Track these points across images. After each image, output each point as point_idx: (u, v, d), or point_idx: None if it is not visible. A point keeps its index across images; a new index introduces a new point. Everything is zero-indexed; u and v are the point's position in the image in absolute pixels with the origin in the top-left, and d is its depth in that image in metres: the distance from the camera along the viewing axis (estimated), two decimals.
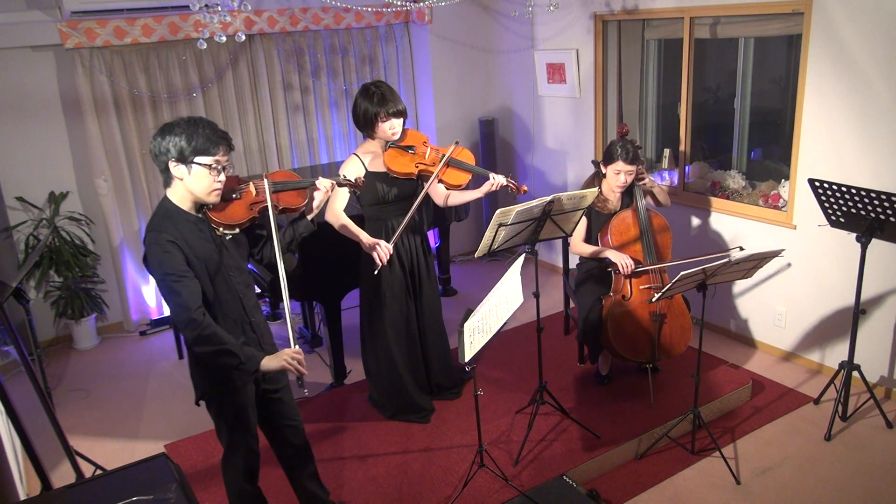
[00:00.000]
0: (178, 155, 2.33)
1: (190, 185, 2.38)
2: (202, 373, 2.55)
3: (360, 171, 3.43)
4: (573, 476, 3.20)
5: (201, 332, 2.31)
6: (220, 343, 2.34)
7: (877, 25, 3.53)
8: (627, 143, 3.65)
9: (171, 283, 2.32)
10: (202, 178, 2.37)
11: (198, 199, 2.42)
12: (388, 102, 3.34)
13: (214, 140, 2.36)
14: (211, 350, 2.34)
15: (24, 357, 2.78)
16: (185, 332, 2.35)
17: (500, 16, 5.90)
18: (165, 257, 2.32)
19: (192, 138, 2.32)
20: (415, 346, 3.69)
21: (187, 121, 2.36)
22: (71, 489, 1.79)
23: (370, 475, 3.33)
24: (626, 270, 3.59)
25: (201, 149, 2.34)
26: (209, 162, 2.35)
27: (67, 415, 4.18)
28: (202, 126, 2.35)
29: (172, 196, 2.43)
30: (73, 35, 4.56)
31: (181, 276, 2.33)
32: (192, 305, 2.31)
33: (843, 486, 3.23)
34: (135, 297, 5.28)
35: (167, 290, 2.33)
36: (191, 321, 2.31)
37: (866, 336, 3.88)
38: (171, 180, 2.40)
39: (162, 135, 2.35)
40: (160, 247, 2.32)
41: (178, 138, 2.32)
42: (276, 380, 2.71)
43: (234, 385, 2.54)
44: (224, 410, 2.59)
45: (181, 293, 2.31)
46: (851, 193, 3.28)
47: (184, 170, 2.35)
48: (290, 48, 5.44)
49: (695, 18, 4.42)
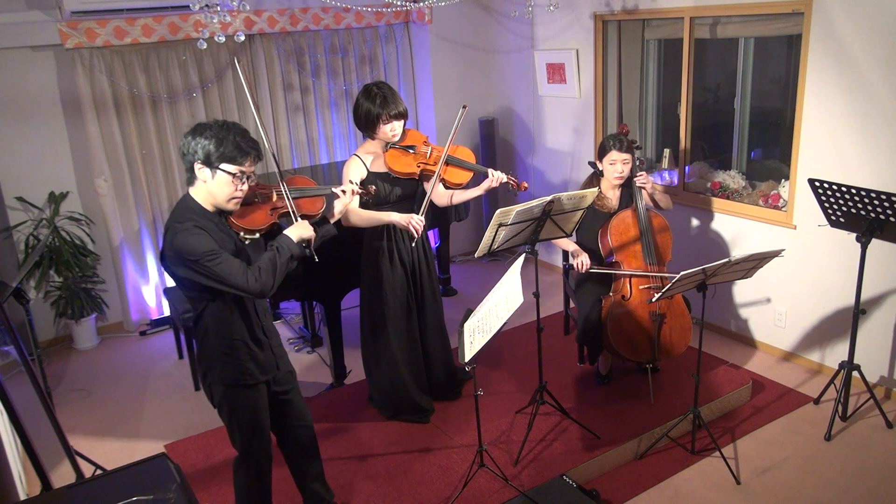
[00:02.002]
0: (204, 158, 2.33)
1: (211, 189, 2.38)
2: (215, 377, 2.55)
3: (362, 171, 3.43)
4: (573, 476, 3.20)
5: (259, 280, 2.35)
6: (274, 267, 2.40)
7: (877, 25, 3.53)
8: (618, 135, 3.69)
9: (213, 257, 2.30)
10: (225, 185, 2.37)
11: (217, 204, 2.43)
12: (389, 104, 3.34)
13: (243, 149, 2.36)
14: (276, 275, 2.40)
15: (24, 357, 2.78)
16: (252, 290, 2.36)
17: (500, 16, 5.90)
18: (197, 239, 2.30)
19: (221, 144, 2.32)
20: (415, 346, 3.69)
21: (220, 125, 2.36)
22: (71, 489, 1.79)
23: (370, 475, 3.33)
24: (580, 269, 3.64)
25: (228, 156, 2.34)
26: (234, 171, 2.36)
27: (67, 415, 4.18)
28: (233, 133, 2.35)
29: (195, 195, 2.43)
30: (73, 35, 4.56)
31: (218, 252, 2.32)
32: (241, 269, 2.34)
33: (843, 486, 3.23)
34: (135, 297, 5.28)
35: (210, 267, 2.30)
36: (248, 280, 2.34)
37: (866, 336, 3.88)
38: (195, 180, 2.40)
39: (192, 135, 2.36)
40: (188, 231, 2.31)
41: (207, 141, 2.33)
42: (285, 381, 2.72)
43: (248, 386, 2.55)
44: (238, 413, 2.59)
45: (226, 262, 2.32)
46: (851, 193, 3.28)
47: (208, 173, 2.36)
48: (290, 48, 5.44)
49: (695, 18, 4.42)
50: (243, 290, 2.35)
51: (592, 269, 3.66)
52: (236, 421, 2.61)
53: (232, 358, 2.52)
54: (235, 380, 2.54)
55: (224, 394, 2.57)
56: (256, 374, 2.57)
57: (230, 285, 2.34)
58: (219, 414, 2.65)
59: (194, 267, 2.32)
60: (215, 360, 2.53)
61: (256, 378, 2.57)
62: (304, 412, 2.83)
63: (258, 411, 2.62)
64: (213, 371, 2.55)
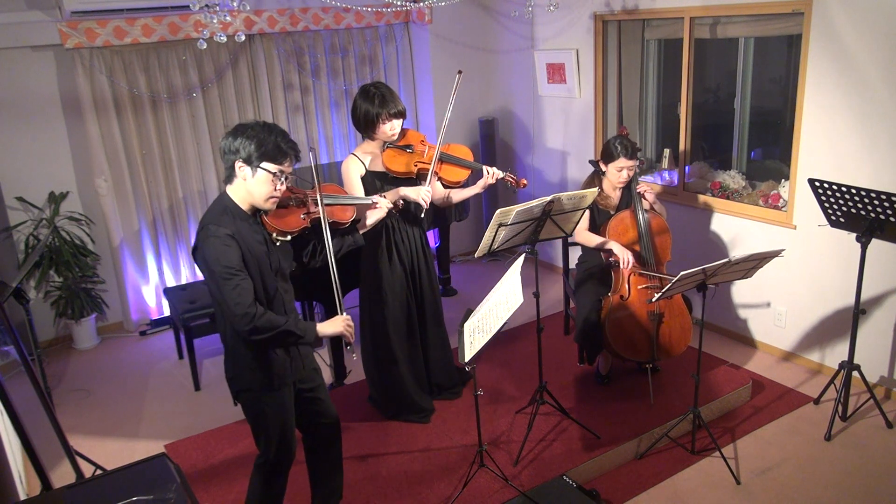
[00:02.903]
0: (245, 157, 2.38)
1: (251, 187, 2.43)
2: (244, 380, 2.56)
3: (361, 170, 3.43)
4: (573, 476, 3.20)
5: (256, 323, 2.37)
6: (276, 326, 2.41)
7: (877, 25, 3.53)
8: (624, 140, 3.69)
9: (229, 276, 2.35)
10: (264, 183, 2.41)
11: (255, 202, 2.47)
12: (388, 103, 3.35)
13: (283, 150, 2.41)
14: (269, 336, 2.41)
15: (24, 357, 2.78)
16: (239, 324, 2.37)
17: (500, 16, 5.90)
18: (226, 251, 2.35)
19: (262, 144, 2.37)
20: (415, 346, 3.70)
21: (262, 126, 2.41)
22: (71, 489, 1.79)
23: (370, 475, 3.33)
24: (625, 266, 3.60)
25: (270, 155, 2.39)
26: (274, 169, 2.41)
27: (67, 415, 4.18)
28: (275, 134, 2.40)
29: (233, 194, 2.47)
30: (73, 35, 4.56)
31: (238, 271, 2.37)
32: (247, 300, 2.36)
33: (843, 486, 3.23)
34: (135, 297, 5.28)
35: (222, 283, 2.35)
36: (246, 314, 2.36)
37: (866, 336, 3.88)
38: (234, 178, 2.44)
39: (234, 134, 2.40)
40: (220, 239, 2.36)
41: (248, 141, 2.37)
42: (310, 378, 2.75)
43: (273, 385, 2.56)
44: (266, 415, 2.60)
45: (238, 287, 2.35)
46: (851, 193, 3.28)
47: (248, 172, 2.40)
48: (290, 48, 5.44)
49: (695, 18, 4.42)
50: (234, 319, 2.37)
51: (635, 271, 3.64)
52: (264, 423, 2.62)
53: (262, 362, 2.54)
54: (265, 383, 2.56)
55: (253, 397, 2.59)
56: (286, 376, 2.60)
57: (228, 308, 2.37)
58: (245, 414, 2.66)
59: (211, 276, 2.39)
60: (244, 366, 2.54)
61: (285, 381, 2.60)
62: (332, 408, 2.86)
63: (286, 413, 2.64)
64: (242, 374, 2.56)
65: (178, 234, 5.34)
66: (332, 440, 2.90)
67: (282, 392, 2.60)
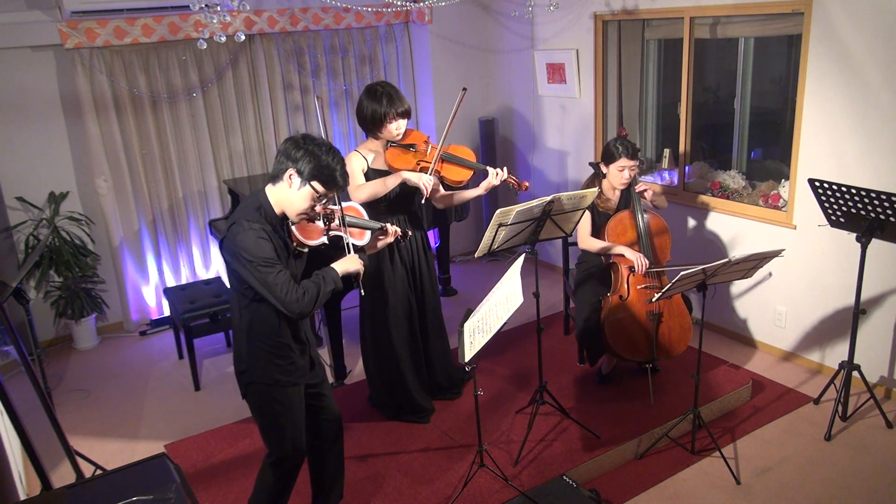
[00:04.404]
0: (299, 169, 2.42)
1: (292, 197, 2.46)
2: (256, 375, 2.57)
3: (364, 166, 3.45)
4: (573, 476, 3.20)
5: (304, 308, 2.45)
6: (317, 294, 2.50)
7: (877, 25, 3.53)
8: (625, 140, 3.69)
9: (270, 266, 2.39)
10: (305, 199, 2.46)
11: (287, 211, 2.50)
12: (395, 103, 3.36)
13: (338, 182, 2.47)
14: (316, 303, 2.50)
15: (24, 357, 2.78)
16: (293, 307, 2.44)
17: (500, 16, 5.90)
18: (262, 244, 2.39)
19: (323, 169, 2.42)
20: (416, 346, 3.70)
21: (327, 150, 2.45)
22: (71, 489, 1.79)
23: (370, 475, 3.33)
24: (641, 270, 3.59)
25: (324, 180, 2.44)
26: (321, 191, 2.45)
27: (67, 415, 4.18)
28: (335, 161, 2.45)
29: (271, 195, 2.50)
30: (73, 35, 4.56)
31: (275, 262, 2.41)
32: (291, 286, 2.43)
33: (843, 486, 3.23)
34: (135, 297, 5.28)
35: (265, 273, 2.39)
36: (297, 301, 2.43)
37: (866, 336, 3.88)
38: (279, 182, 2.46)
39: (300, 145, 2.43)
40: (255, 232, 2.39)
41: (312, 158, 2.41)
42: (315, 375, 2.76)
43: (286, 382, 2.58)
44: (277, 412, 2.61)
45: (282, 273, 2.41)
46: (851, 193, 3.28)
47: (297, 182, 2.43)
48: (290, 48, 5.44)
49: (695, 18, 4.42)
50: (286, 305, 2.43)
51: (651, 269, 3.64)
52: (273, 421, 2.63)
53: (277, 358, 2.56)
54: (278, 380, 2.57)
55: (264, 392, 2.59)
56: (298, 374, 2.62)
57: (276, 297, 2.41)
58: (252, 409, 2.67)
59: (249, 268, 2.40)
60: (259, 359, 2.55)
61: (298, 379, 2.62)
62: (335, 406, 2.87)
63: (296, 410, 2.65)
64: (254, 369, 2.57)
65: (178, 234, 5.34)
66: (335, 439, 2.90)
67: (292, 390, 2.61)
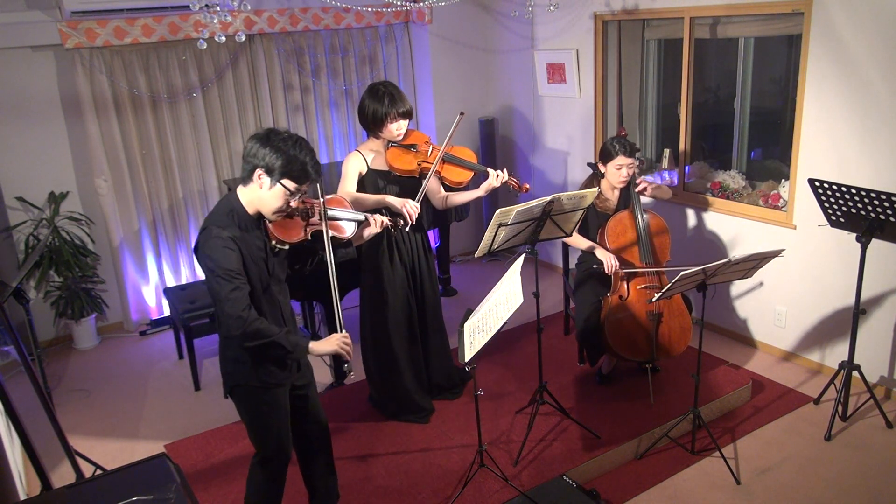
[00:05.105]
0: (269, 168, 2.36)
1: (264, 197, 2.42)
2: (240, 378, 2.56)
3: (362, 167, 3.44)
4: (573, 476, 3.20)
5: (247, 329, 2.37)
6: (267, 336, 2.40)
7: (877, 25, 3.53)
8: (622, 139, 3.69)
9: (228, 279, 2.35)
10: (279, 198, 2.41)
11: (262, 211, 2.46)
12: (397, 103, 3.36)
13: (309, 174, 2.41)
14: (258, 343, 2.41)
15: (24, 357, 2.78)
16: (232, 327, 2.38)
17: (500, 16, 5.90)
18: (226, 254, 2.35)
19: (290, 162, 2.36)
20: (415, 346, 3.70)
21: (294, 142, 2.38)
22: (71, 489, 1.79)
23: (370, 475, 3.33)
24: (609, 270, 3.62)
25: (293, 175, 2.38)
26: (293, 188, 2.40)
27: (67, 415, 4.18)
28: (304, 153, 2.38)
29: (242, 196, 2.46)
30: (73, 35, 4.56)
31: (237, 275, 2.37)
32: (242, 304, 2.36)
33: (843, 486, 3.23)
34: (135, 297, 5.28)
35: (220, 285, 2.35)
36: (239, 318, 2.35)
37: (866, 336, 3.88)
38: (249, 182, 2.43)
39: (265, 141, 2.37)
40: (222, 241, 2.36)
41: (276, 154, 2.35)
42: (302, 376, 2.74)
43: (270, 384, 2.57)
44: (262, 413, 2.61)
45: (235, 291, 2.35)
46: (851, 193, 3.28)
47: (267, 182, 2.39)
48: (290, 48, 5.44)
49: (695, 18, 4.42)
50: (226, 322, 2.38)
51: (622, 269, 3.65)
52: (259, 421, 2.62)
53: (260, 360, 2.53)
54: (262, 381, 2.56)
55: (248, 394, 2.58)
56: (281, 375, 2.60)
57: (222, 309, 2.37)
58: (239, 413, 2.66)
59: (209, 275, 2.39)
60: (243, 362, 2.53)
61: (281, 380, 2.60)
62: (320, 410, 2.85)
63: (280, 411, 2.64)
64: (238, 372, 2.56)
65: (178, 234, 5.34)
66: (322, 444, 2.89)
67: (276, 391, 2.60)
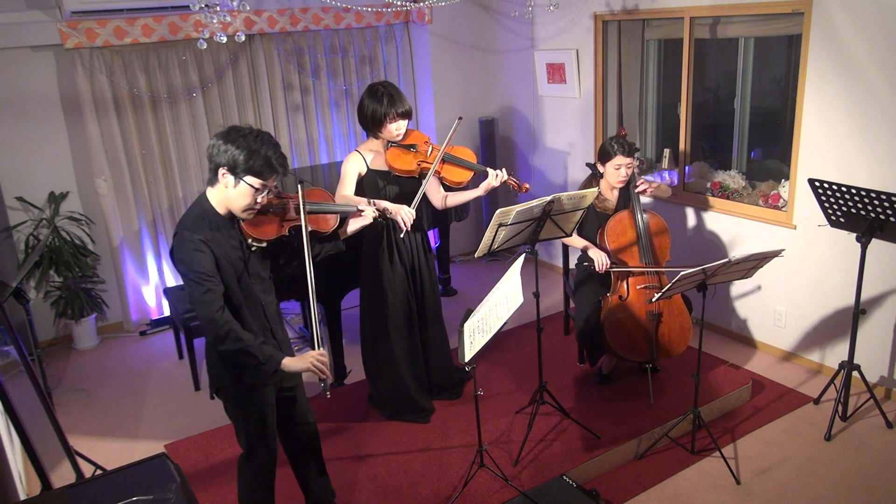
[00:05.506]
0: (231, 165, 2.33)
1: (230, 196, 2.39)
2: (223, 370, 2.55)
3: (362, 168, 3.44)
4: (573, 476, 3.20)
5: (219, 332, 2.34)
6: (239, 342, 2.35)
7: (877, 25, 3.53)
8: (620, 139, 3.69)
9: (200, 282, 2.33)
10: (245, 196, 2.38)
11: (233, 210, 2.44)
12: (396, 103, 3.35)
13: (272, 166, 2.36)
14: (230, 349, 2.36)
15: (24, 357, 2.78)
16: (205, 330, 2.37)
17: (500, 16, 5.90)
18: (197, 256, 2.33)
19: (251, 157, 2.32)
20: (415, 346, 3.70)
21: (254, 137, 2.34)
22: (71, 489, 1.79)
23: (370, 475, 3.33)
24: (600, 269, 3.62)
25: (256, 170, 2.34)
26: (257, 185, 2.36)
27: (67, 415, 4.18)
28: (266, 147, 2.34)
29: (212, 197, 2.44)
30: (73, 35, 4.56)
31: (209, 277, 2.35)
32: (214, 307, 2.33)
33: (843, 486, 3.23)
34: (135, 297, 5.28)
35: (193, 287, 2.34)
36: (211, 321, 2.33)
37: (866, 336, 3.88)
38: (216, 182, 2.40)
39: (224, 139, 2.34)
40: (193, 244, 2.34)
41: (238, 150, 2.32)
42: (290, 378, 2.72)
43: (255, 384, 2.56)
44: (246, 412, 2.61)
45: (207, 293, 2.33)
46: (851, 193, 3.28)
47: (231, 180, 2.36)
48: (290, 48, 5.44)
49: (695, 18, 4.42)
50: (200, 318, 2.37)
51: (612, 268, 3.65)
52: (244, 420, 2.62)
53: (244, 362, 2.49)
54: (248, 383, 2.55)
55: (233, 393, 2.58)
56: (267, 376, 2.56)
57: (197, 312, 2.36)
58: (226, 412, 2.67)
59: (184, 279, 2.38)
60: (226, 362, 2.52)
61: (267, 380, 2.58)
62: (308, 412, 2.84)
63: (265, 410, 2.63)
64: (223, 374, 2.56)
65: None
66: (310, 441, 2.88)
67: (262, 391, 2.59)
